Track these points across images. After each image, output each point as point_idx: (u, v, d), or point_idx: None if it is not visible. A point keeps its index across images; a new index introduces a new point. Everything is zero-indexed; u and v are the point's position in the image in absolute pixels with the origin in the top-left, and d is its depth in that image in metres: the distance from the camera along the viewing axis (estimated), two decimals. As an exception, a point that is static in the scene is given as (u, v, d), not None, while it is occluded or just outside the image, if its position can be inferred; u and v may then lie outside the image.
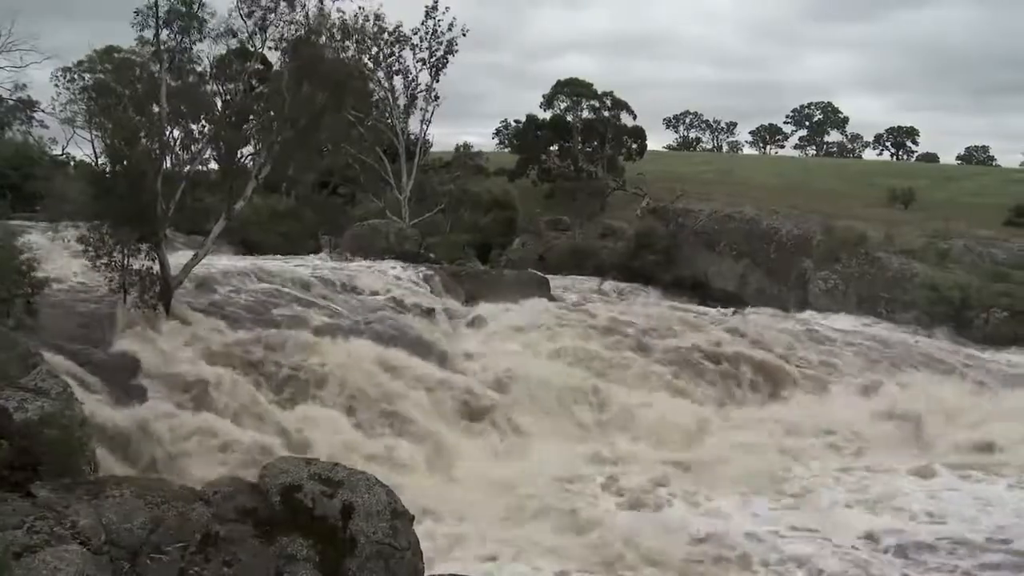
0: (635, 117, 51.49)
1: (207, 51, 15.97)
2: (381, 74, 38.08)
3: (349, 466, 7.09)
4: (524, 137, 51.53)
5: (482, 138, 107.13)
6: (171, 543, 5.88)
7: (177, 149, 15.24)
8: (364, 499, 6.70)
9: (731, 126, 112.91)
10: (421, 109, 39.20)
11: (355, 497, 6.68)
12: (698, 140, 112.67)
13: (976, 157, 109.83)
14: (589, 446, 13.99)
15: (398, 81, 38.50)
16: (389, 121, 38.66)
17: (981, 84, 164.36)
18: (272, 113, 15.69)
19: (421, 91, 38.79)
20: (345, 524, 6.49)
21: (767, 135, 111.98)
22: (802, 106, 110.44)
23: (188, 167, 15.33)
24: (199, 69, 16.27)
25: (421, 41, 38.13)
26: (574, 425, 14.94)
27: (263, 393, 12.71)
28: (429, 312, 19.21)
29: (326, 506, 6.53)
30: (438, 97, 39.04)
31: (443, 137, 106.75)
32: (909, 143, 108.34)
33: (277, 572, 6.03)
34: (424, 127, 39.88)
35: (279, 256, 24.91)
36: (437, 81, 38.76)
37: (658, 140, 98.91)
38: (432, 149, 43.92)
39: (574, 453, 13.54)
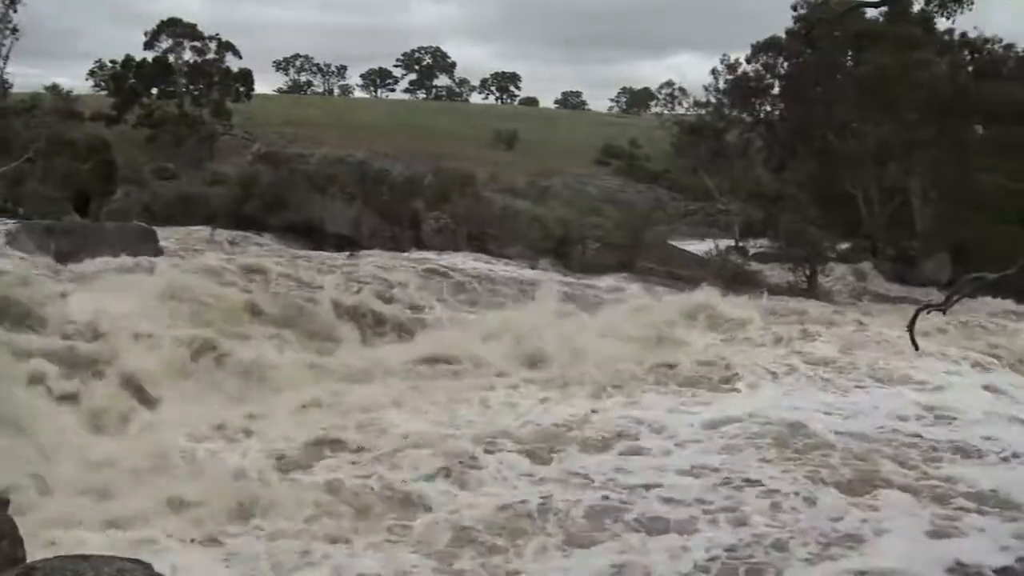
0: (241, 58, 49.90)
1: None
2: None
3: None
4: (122, 80, 48.26)
5: (76, 80, 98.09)
6: None
7: None
8: (-64, 486, 5.87)
9: (341, 70, 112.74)
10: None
11: (-76, 485, 5.84)
12: (309, 84, 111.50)
13: (571, 102, 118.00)
14: (215, 406, 13.28)
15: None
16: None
17: (568, 35, 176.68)
18: None
19: (-1, 24, 34.90)
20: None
21: (378, 79, 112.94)
22: (412, 51, 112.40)
23: None
24: None
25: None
26: (199, 385, 14.14)
27: None
28: (17, 272, 17.39)
29: None
30: (17, 30, 35.29)
31: (32, 79, 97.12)
32: (512, 88, 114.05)
33: None
34: (1, 64, 35.93)
35: None
36: (15, 11, 35.00)
37: (268, 83, 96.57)
38: (13, 90, 39.79)
39: (202, 414, 12.78)
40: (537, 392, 14.03)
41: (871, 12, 29.64)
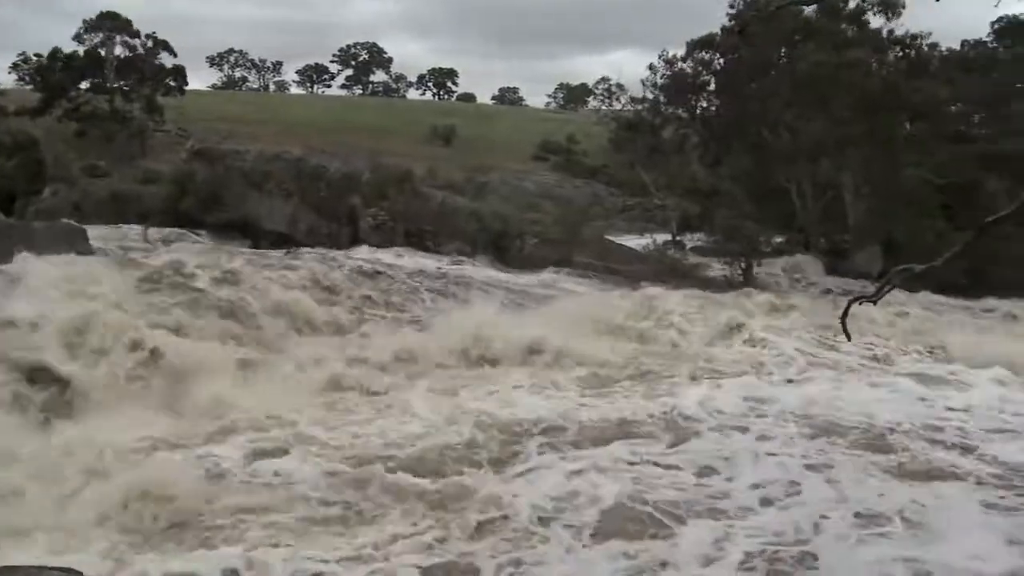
0: (175, 56, 49.16)
1: None
2: None
3: None
4: (49, 72, 47.07)
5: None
6: None
7: None
8: None
9: (277, 65, 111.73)
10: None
11: None
12: (244, 80, 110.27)
13: (508, 98, 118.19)
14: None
15: None
16: None
17: (505, 31, 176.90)
18: None
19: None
20: None
21: (314, 75, 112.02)
22: (348, 46, 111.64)
23: None
24: None
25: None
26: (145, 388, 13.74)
27: None
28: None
29: None
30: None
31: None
32: (449, 83, 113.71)
33: None
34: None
35: None
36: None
37: (202, 79, 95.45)
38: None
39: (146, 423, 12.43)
40: (577, 381, 14.03)
41: (807, 9, 30.04)
